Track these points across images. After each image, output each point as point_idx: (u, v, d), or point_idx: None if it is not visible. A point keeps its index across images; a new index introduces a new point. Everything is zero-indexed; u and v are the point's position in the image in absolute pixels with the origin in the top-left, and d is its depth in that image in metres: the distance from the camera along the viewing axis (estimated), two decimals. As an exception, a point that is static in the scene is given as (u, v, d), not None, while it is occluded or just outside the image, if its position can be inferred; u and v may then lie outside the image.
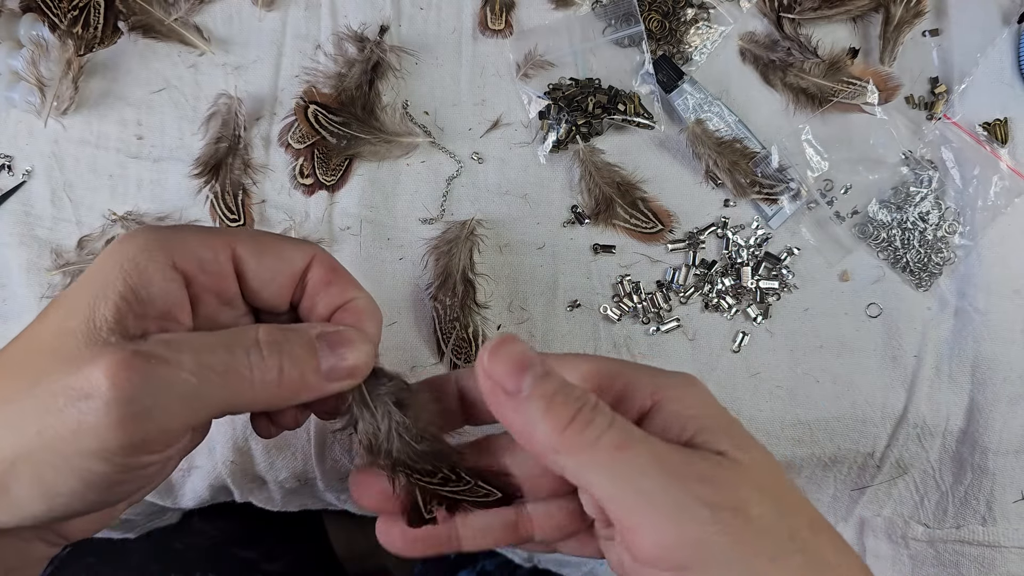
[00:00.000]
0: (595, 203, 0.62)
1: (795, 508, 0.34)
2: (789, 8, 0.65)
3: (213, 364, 0.34)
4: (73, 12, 0.61)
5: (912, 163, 0.63)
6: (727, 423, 0.35)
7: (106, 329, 0.33)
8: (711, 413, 0.36)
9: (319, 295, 0.40)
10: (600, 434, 0.32)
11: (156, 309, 0.35)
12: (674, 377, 0.37)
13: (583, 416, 0.32)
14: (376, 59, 0.63)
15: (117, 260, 0.35)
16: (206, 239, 0.37)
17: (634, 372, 0.37)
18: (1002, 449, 0.60)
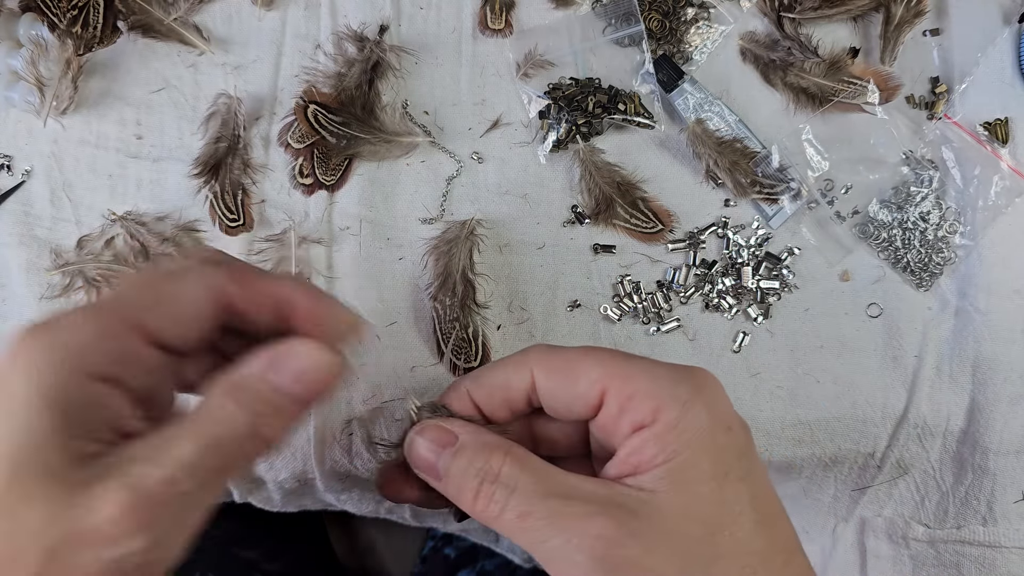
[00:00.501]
0: (595, 203, 0.62)
1: (712, 558, 0.32)
2: (789, 8, 0.65)
3: (208, 466, 0.32)
4: (72, 12, 0.61)
5: (913, 163, 0.63)
6: (685, 456, 0.33)
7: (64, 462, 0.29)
8: (688, 442, 0.33)
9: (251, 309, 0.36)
10: (502, 507, 0.33)
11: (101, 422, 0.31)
12: (679, 393, 0.34)
13: (484, 492, 0.34)
14: (376, 59, 0.63)
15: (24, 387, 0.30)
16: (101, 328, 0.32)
17: (646, 381, 0.35)
18: (1003, 449, 0.60)
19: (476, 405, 0.38)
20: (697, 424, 0.34)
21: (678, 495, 0.33)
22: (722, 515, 0.33)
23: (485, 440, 0.36)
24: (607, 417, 0.35)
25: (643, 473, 0.34)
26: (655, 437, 0.34)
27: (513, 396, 0.37)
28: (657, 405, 0.34)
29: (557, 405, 0.37)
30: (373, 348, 0.60)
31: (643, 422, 0.34)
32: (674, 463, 0.33)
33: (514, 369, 0.37)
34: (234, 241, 0.61)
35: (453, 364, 0.59)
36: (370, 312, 0.61)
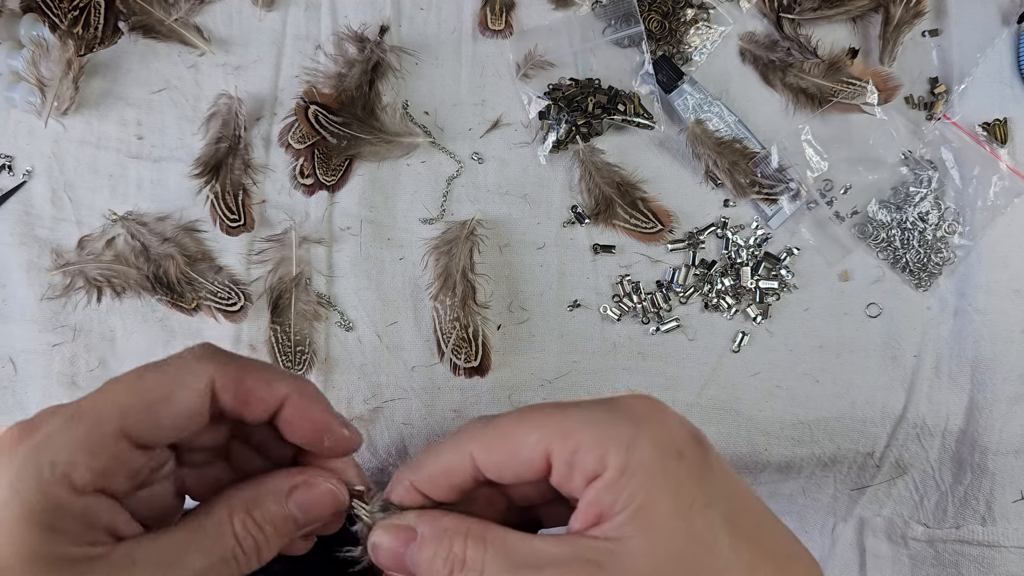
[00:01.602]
0: (595, 203, 0.62)
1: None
2: (789, 8, 0.65)
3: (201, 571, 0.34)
4: (73, 12, 0.61)
5: (912, 163, 0.63)
6: (643, 497, 0.33)
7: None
8: (641, 482, 0.33)
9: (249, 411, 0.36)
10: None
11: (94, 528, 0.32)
12: (621, 433, 0.33)
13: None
14: (376, 59, 0.63)
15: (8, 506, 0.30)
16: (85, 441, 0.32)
17: (584, 431, 0.34)
18: (1002, 449, 0.60)
19: (424, 495, 0.37)
20: (646, 461, 0.33)
21: (646, 538, 0.32)
22: (695, 548, 0.32)
23: (444, 526, 0.35)
24: (559, 476, 0.34)
25: (607, 521, 0.33)
26: (607, 486, 0.33)
27: (458, 480, 0.36)
28: (602, 452, 0.33)
29: (506, 477, 0.36)
30: (373, 348, 0.60)
31: (594, 472, 0.33)
32: (633, 507, 0.32)
33: (452, 453, 0.36)
34: (234, 241, 0.61)
35: (453, 364, 0.59)
36: (370, 312, 0.61)
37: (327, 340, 0.60)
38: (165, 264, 0.59)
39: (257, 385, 0.35)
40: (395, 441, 0.60)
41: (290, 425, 0.36)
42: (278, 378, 0.36)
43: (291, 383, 0.36)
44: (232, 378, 0.34)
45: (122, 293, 0.60)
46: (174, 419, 0.33)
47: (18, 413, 0.59)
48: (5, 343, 0.60)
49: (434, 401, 0.60)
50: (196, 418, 0.34)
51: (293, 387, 0.36)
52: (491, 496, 0.39)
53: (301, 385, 0.36)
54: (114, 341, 0.60)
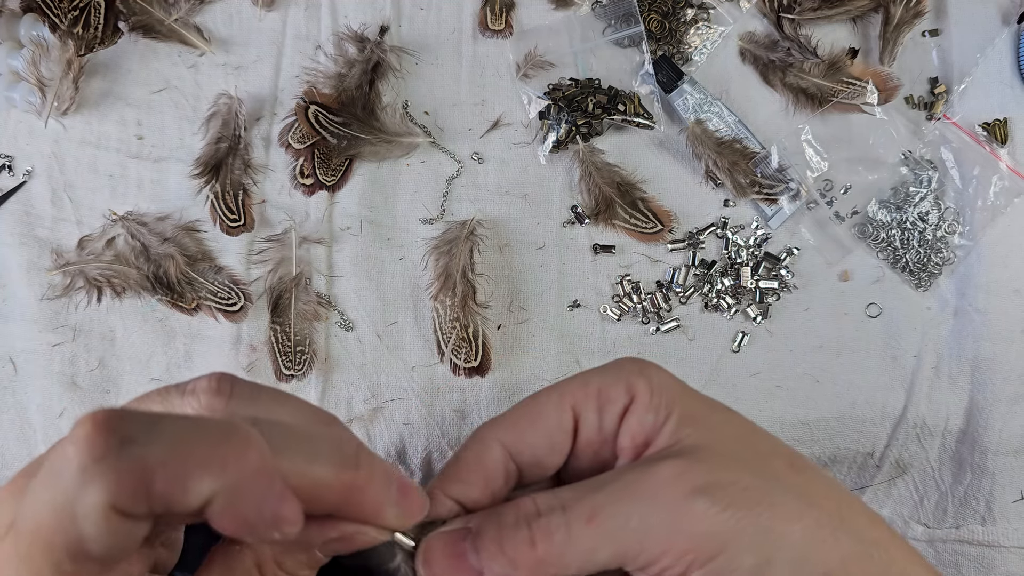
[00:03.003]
0: (595, 203, 0.62)
1: (763, 456, 0.34)
2: (789, 8, 0.65)
3: None
4: (73, 12, 0.61)
5: (912, 163, 0.63)
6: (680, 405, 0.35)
7: None
8: (672, 397, 0.35)
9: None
10: (567, 529, 0.30)
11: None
12: (629, 368, 0.36)
13: (539, 532, 0.30)
14: (376, 59, 0.63)
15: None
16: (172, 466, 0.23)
17: (598, 377, 0.36)
18: (1002, 449, 0.60)
19: (458, 500, 0.34)
20: (665, 380, 0.35)
21: (701, 432, 0.33)
22: (744, 433, 0.35)
23: (498, 508, 0.32)
24: (589, 428, 0.34)
25: (655, 440, 0.34)
26: (644, 407, 0.34)
27: (490, 473, 0.34)
28: (625, 385, 0.35)
29: (539, 454, 0.34)
30: (373, 348, 0.60)
31: (624, 405, 0.35)
32: (676, 415, 0.34)
33: (478, 447, 0.35)
34: (234, 241, 0.61)
35: (453, 364, 0.59)
36: (370, 312, 0.61)
37: (327, 340, 0.60)
38: (165, 264, 0.59)
39: (170, 490, 0.24)
40: (395, 441, 0.60)
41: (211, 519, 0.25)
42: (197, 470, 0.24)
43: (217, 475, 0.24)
44: (133, 493, 0.23)
45: (122, 293, 0.60)
46: (101, 547, 0.24)
47: (18, 413, 0.59)
48: (5, 343, 0.60)
49: (434, 401, 0.60)
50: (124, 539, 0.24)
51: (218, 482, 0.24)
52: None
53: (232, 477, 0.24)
54: (114, 341, 0.60)
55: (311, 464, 0.27)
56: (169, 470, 0.23)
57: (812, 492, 0.32)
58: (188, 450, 0.24)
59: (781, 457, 0.34)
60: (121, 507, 0.23)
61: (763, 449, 0.34)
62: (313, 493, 0.27)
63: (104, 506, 0.23)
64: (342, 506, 0.29)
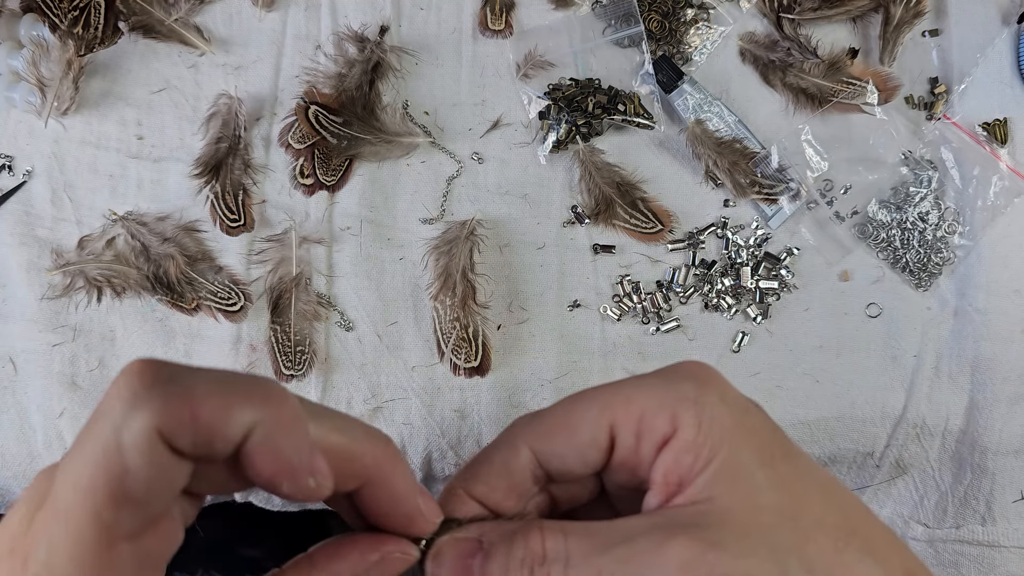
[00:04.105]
0: (595, 203, 0.62)
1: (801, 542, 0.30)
2: (789, 8, 0.65)
3: None
4: (74, 12, 0.61)
5: (912, 163, 0.63)
6: (726, 452, 0.31)
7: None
8: (721, 437, 0.31)
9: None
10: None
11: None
12: (685, 392, 0.32)
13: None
14: (376, 59, 0.63)
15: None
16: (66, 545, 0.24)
17: (646, 396, 0.32)
18: (1002, 449, 0.60)
19: (480, 503, 0.33)
20: (719, 416, 0.31)
21: (737, 493, 0.30)
22: (790, 498, 0.30)
23: (510, 528, 0.31)
24: (624, 451, 0.32)
25: (689, 486, 0.30)
26: (685, 445, 0.31)
27: (517, 480, 0.33)
28: (671, 414, 0.31)
29: (569, 466, 0.33)
30: (373, 348, 0.60)
31: (665, 436, 0.31)
32: (717, 463, 0.30)
33: (507, 450, 0.33)
34: (234, 241, 0.61)
35: (453, 364, 0.59)
36: (370, 312, 0.61)
37: (327, 340, 0.60)
38: (165, 264, 0.59)
39: (214, 419, 0.25)
40: (395, 441, 0.60)
41: (251, 468, 0.26)
42: (240, 403, 0.26)
43: (257, 409, 0.26)
44: (179, 419, 0.25)
45: (122, 293, 0.60)
46: (143, 488, 0.25)
47: (18, 413, 0.59)
48: (5, 343, 0.60)
49: (434, 401, 0.60)
50: (167, 476, 0.26)
51: (258, 415, 0.26)
52: (540, 503, 0.36)
53: (271, 412, 0.26)
54: (114, 341, 0.60)
55: (342, 433, 0.28)
56: (214, 399, 0.25)
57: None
58: (232, 386, 0.25)
59: (827, 533, 0.30)
60: (167, 433, 0.24)
61: (808, 522, 0.30)
62: (343, 462, 0.28)
63: (150, 430, 0.24)
64: (372, 487, 0.30)
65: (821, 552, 0.29)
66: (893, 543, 0.31)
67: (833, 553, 0.29)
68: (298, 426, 0.27)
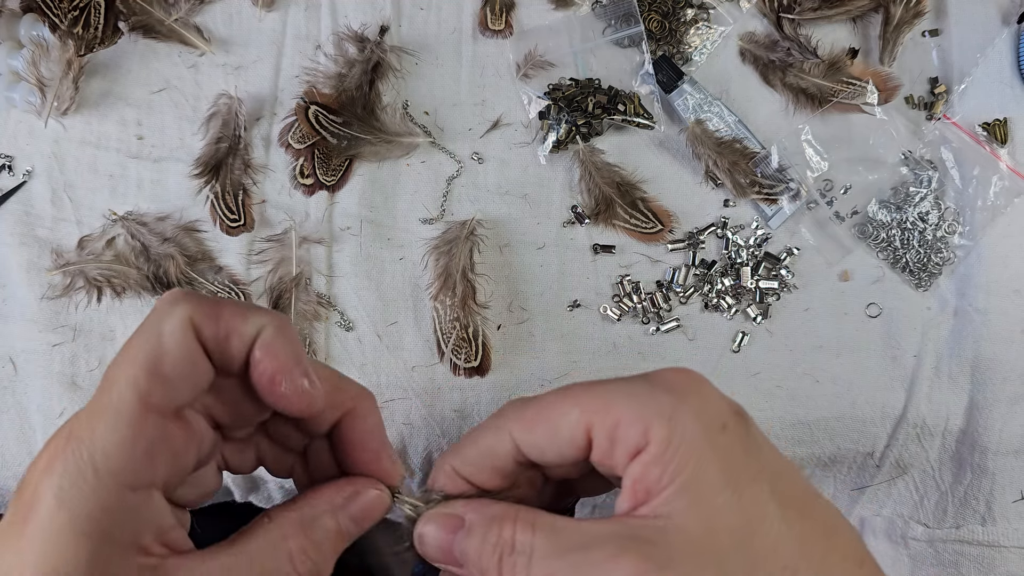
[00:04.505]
0: (595, 203, 0.62)
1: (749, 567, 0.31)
2: (789, 8, 0.65)
3: None
4: (73, 12, 0.61)
5: (912, 163, 0.63)
6: (691, 471, 0.32)
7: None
8: (688, 455, 0.32)
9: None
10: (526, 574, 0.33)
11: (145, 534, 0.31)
12: (662, 406, 0.33)
13: (506, 567, 0.33)
14: (376, 59, 0.63)
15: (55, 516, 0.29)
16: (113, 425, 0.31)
17: (625, 405, 0.33)
18: (1002, 449, 0.60)
19: (468, 480, 0.37)
20: (690, 434, 0.32)
21: (696, 513, 0.31)
22: (747, 521, 0.32)
23: (492, 513, 0.34)
24: (600, 453, 0.34)
25: (655, 497, 0.32)
26: (653, 460, 0.32)
27: (500, 463, 0.36)
28: (644, 426, 0.32)
29: (548, 457, 0.35)
30: (373, 348, 0.60)
31: (637, 447, 0.32)
32: (680, 481, 0.32)
33: (493, 435, 0.36)
34: (234, 241, 0.61)
35: (453, 364, 0.59)
36: (370, 312, 0.61)
37: (327, 340, 0.60)
38: (165, 264, 0.59)
39: (233, 318, 0.33)
40: (395, 441, 0.60)
41: (256, 367, 0.33)
42: (254, 312, 0.33)
43: (267, 316, 0.34)
44: (208, 314, 0.32)
45: (122, 293, 0.60)
46: (175, 367, 0.31)
47: (18, 413, 0.59)
48: (5, 343, 0.60)
49: (434, 401, 0.60)
50: (195, 362, 0.32)
51: (267, 320, 0.33)
52: (532, 477, 0.39)
53: (277, 320, 0.34)
54: (114, 341, 0.60)
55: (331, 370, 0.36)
56: (234, 308, 0.33)
57: None
58: (247, 305, 0.34)
59: (777, 561, 0.31)
60: (197, 322, 0.32)
61: (760, 549, 0.31)
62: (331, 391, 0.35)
63: (185, 319, 0.31)
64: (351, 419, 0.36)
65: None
66: (850, 558, 0.33)
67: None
68: (295, 335, 0.35)
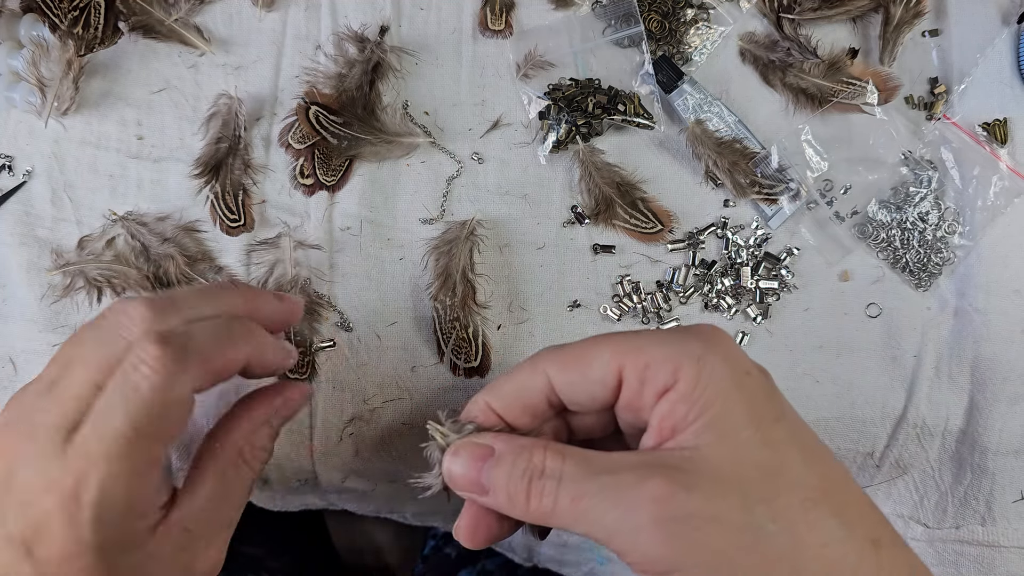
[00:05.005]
0: (595, 203, 0.62)
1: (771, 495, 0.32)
2: (789, 8, 0.65)
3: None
4: (74, 12, 0.61)
5: (912, 163, 0.63)
6: (719, 407, 0.34)
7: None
8: (715, 393, 0.34)
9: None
10: (555, 498, 0.34)
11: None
12: (692, 349, 0.35)
13: (535, 490, 0.34)
14: (376, 59, 0.63)
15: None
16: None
17: (656, 348, 0.35)
18: (1002, 449, 0.60)
19: (499, 416, 0.38)
20: (718, 374, 0.34)
21: (722, 445, 0.33)
22: (771, 456, 0.33)
23: (521, 443, 0.36)
24: (630, 393, 0.35)
25: (681, 433, 0.34)
26: (681, 396, 0.34)
27: (533, 401, 0.38)
28: (674, 366, 0.34)
29: (578, 397, 0.37)
30: (373, 348, 0.61)
31: (665, 386, 0.34)
32: (708, 416, 0.33)
33: (529, 374, 0.38)
34: (234, 241, 0.61)
35: (453, 364, 0.59)
36: (370, 312, 0.61)
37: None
38: (165, 264, 0.60)
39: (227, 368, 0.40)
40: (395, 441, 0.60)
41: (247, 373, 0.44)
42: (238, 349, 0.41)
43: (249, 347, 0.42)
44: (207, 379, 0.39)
45: (122, 293, 0.60)
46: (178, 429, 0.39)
47: (18, 413, 0.59)
48: (5, 343, 0.60)
49: (434, 401, 0.60)
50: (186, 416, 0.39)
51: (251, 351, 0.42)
52: (557, 428, 0.40)
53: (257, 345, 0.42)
54: (114, 341, 0.60)
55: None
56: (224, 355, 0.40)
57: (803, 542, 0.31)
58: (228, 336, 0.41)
59: (800, 492, 0.33)
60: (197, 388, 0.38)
61: (784, 480, 0.33)
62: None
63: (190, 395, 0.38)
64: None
65: (789, 506, 0.32)
66: (865, 513, 0.34)
67: (800, 510, 0.32)
68: (276, 348, 0.43)
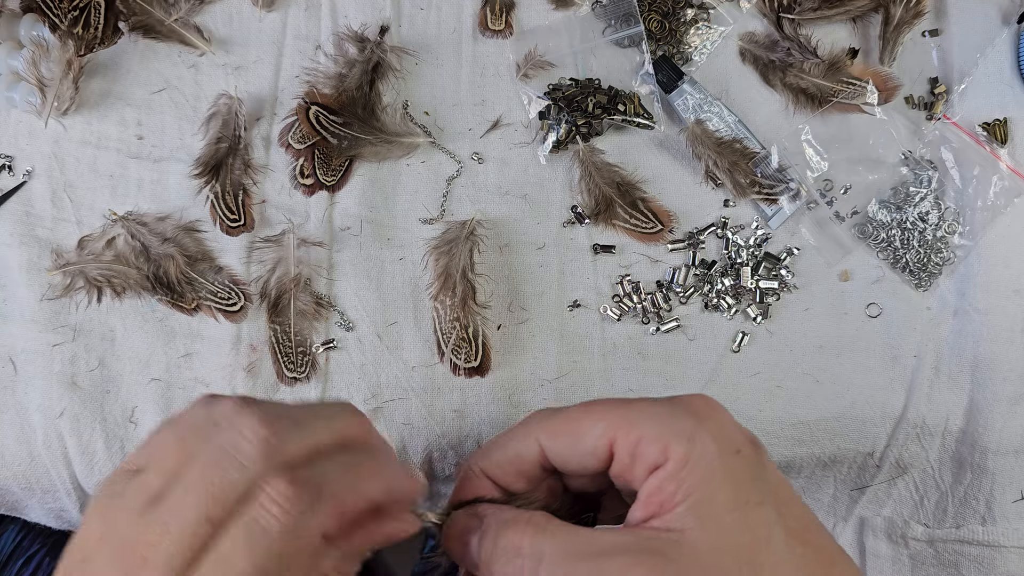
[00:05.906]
0: (595, 203, 0.62)
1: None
2: (789, 8, 0.65)
3: None
4: (74, 12, 0.61)
5: (912, 163, 0.63)
6: (704, 490, 0.34)
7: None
8: (702, 475, 0.34)
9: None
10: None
11: None
12: (683, 427, 0.35)
13: (513, 569, 0.34)
14: (376, 59, 0.63)
15: None
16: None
17: (648, 423, 0.36)
18: (1002, 449, 0.60)
19: (494, 481, 0.39)
20: (707, 455, 0.34)
21: (705, 530, 0.33)
22: (752, 542, 0.33)
23: (505, 517, 0.36)
24: (620, 466, 0.36)
25: (667, 512, 0.34)
26: (669, 476, 0.34)
27: (526, 467, 0.38)
28: (664, 444, 0.34)
29: (570, 466, 0.37)
30: (373, 348, 0.61)
31: (656, 463, 0.35)
32: (694, 499, 0.34)
33: (520, 440, 0.38)
34: (234, 241, 0.61)
35: (453, 364, 0.59)
36: (370, 312, 0.61)
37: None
38: (165, 264, 0.59)
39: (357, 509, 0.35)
40: (395, 441, 0.60)
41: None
42: (370, 491, 0.35)
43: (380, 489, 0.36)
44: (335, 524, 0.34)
45: (122, 293, 0.60)
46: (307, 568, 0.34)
47: (18, 413, 0.59)
48: (5, 343, 0.60)
49: (434, 401, 0.60)
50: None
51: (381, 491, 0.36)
52: (553, 486, 0.41)
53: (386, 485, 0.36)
54: (114, 341, 0.60)
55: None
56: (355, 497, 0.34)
57: None
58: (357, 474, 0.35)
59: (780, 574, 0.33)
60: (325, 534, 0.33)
61: (763, 568, 0.33)
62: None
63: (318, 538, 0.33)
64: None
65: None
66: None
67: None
68: (404, 480, 0.37)
